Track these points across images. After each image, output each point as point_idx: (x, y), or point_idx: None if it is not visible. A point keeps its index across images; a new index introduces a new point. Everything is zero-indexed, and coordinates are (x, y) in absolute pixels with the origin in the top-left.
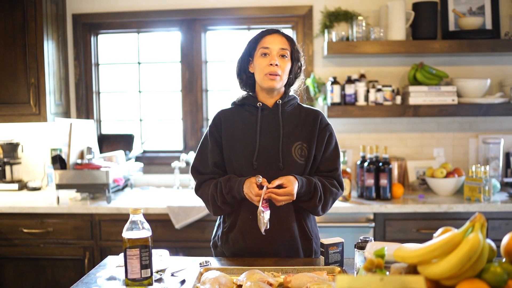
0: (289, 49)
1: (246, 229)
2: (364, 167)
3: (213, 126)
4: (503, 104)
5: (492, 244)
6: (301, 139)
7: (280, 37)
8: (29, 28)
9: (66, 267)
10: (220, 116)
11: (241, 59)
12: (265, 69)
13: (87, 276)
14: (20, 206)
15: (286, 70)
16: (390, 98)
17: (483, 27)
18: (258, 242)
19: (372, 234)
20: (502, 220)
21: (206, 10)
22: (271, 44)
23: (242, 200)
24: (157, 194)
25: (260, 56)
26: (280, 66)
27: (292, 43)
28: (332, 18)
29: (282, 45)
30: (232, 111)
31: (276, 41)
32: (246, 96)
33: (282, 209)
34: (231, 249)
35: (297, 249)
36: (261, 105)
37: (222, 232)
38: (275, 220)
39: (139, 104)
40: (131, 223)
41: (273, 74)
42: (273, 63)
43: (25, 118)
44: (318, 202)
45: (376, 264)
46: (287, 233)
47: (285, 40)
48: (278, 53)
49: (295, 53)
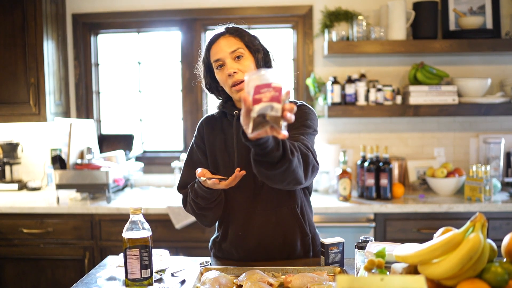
0: (242, 45)
1: (237, 243)
2: (365, 167)
3: (197, 137)
4: (504, 104)
5: (492, 244)
6: None
7: (226, 39)
8: (29, 28)
9: (66, 267)
10: (203, 125)
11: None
12: (226, 82)
13: (87, 276)
14: (20, 206)
15: (249, 69)
16: (390, 98)
17: (484, 27)
18: (250, 254)
19: (372, 234)
20: (503, 220)
21: (206, 10)
22: (219, 54)
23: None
24: (157, 194)
25: (217, 71)
26: (240, 69)
27: (242, 37)
28: (332, 17)
29: (230, 48)
30: (216, 119)
31: (222, 47)
32: (225, 104)
33: (272, 217)
34: (225, 257)
35: (294, 252)
36: (238, 114)
37: (215, 241)
38: (264, 232)
39: (139, 104)
40: (131, 223)
41: (236, 83)
42: (230, 72)
43: (25, 118)
44: (291, 155)
45: (376, 264)
46: (281, 240)
47: (232, 40)
48: (231, 57)
49: (250, 46)
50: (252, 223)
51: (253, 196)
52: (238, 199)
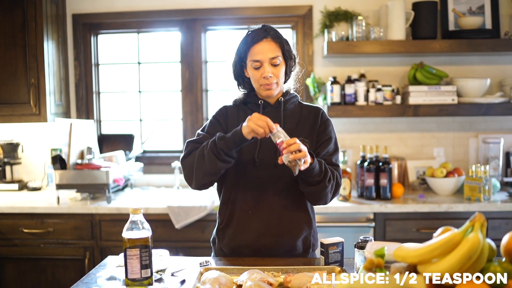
0: (281, 53)
1: (243, 224)
2: (364, 167)
3: (220, 116)
4: (503, 104)
5: (492, 243)
6: (303, 135)
7: (269, 43)
8: (29, 28)
9: (66, 267)
10: (227, 110)
11: (235, 65)
12: (259, 81)
13: (87, 276)
14: (20, 206)
15: (281, 75)
16: (390, 98)
17: (483, 27)
18: (256, 237)
19: (372, 234)
20: (502, 220)
21: (206, 10)
22: (260, 55)
23: (237, 192)
24: (157, 194)
25: (251, 68)
26: (274, 75)
27: (281, 45)
28: (332, 18)
29: (272, 54)
30: (237, 108)
31: (265, 51)
32: (248, 94)
33: (282, 200)
34: (229, 245)
35: (295, 243)
36: (263, 103)
37: (219, 229)
38: (274, 212)
39: (139, 104)
40: (131, 223)
41: (268, 84)
42: (267, 75)
43: (25, 118)
44: (328, 182)
45: (376, 264)
46: (286, 226)
47: (274, 46)
48: (270, 62)
49: (287, 53)
50: (262, 204)
51: (269, 178)
52: (253, 175)
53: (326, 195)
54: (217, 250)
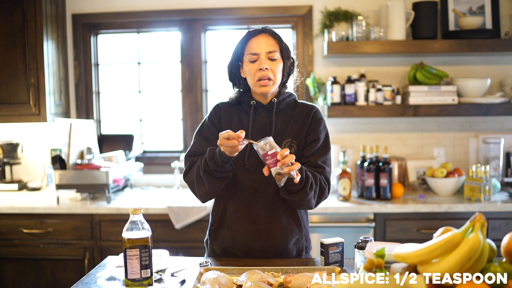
0: (278, 49)
1: (234, 226)
2: (364, 167)
3: (213, 117)
4: (503, 104)
5: (492, 244)
6: (291, 136)
7: (267, 37)
8: (29, 28)
9: (66, 267)
10: (220, 108)
11: (231, 64)
12: (255, 74)
13: (87, 276)
14: (20, 206)
15: (277, 71)
16: (390, 98)
17: (483, 27)
18: (246, 239)
19: (372, 234)
20: (503, 220)
21: (206, 10)
22: (258, 48)
23: (228, 194)
24: (157, 194)
25: (248, 62)
26: (271, 69)
27: (280, 41)
28: (332, 18)
29: (269, 48)
30: (231, 106)
31: (262, 44)
32: (242, 94)
33: (272, 204)
34: (221, 246)
35: (286, 246)
36: (255, 103)
37: (211, 230)
38: (264, 216)
39: (139, 104)
40: (131, 223)
41: (264, 78)
42: (263, 67)
43: (25, 118)
44: (310, 189)
45: (376, 264)
46: (277, 230)
47: (272, 41)
48: (267, 56)
49: (284, 51)
50: (252, 207)
51: (259, 182)
52: (243, 179)
53: (308, 202)
54: (210, 250)
